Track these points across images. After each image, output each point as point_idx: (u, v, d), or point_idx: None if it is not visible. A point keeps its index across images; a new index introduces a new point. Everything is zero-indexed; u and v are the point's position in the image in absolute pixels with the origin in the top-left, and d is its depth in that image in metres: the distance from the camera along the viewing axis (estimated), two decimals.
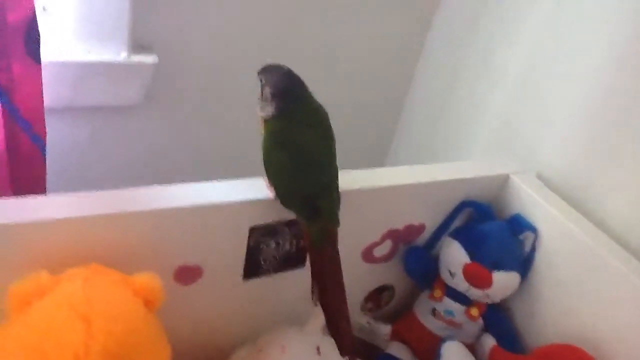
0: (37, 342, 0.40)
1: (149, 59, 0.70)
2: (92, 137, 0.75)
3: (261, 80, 0.50)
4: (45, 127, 0.61)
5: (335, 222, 0.53)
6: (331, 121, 0.53)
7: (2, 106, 0.58)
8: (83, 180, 0.77)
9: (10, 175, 0.61)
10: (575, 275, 0.64)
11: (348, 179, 0.55)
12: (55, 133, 0.65)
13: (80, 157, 0.75)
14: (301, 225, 0.54)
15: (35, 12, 0.56)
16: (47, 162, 0.63)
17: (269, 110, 0.50)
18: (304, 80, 0.51)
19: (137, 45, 0.70)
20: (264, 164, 0.52)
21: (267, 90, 0.50)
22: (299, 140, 0.51)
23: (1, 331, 0.42)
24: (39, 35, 0.57)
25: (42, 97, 0.60)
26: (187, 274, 0.55)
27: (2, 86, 0.57)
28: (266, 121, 0.50)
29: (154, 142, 0.81)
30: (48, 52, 0.64)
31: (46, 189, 0.65)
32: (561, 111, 0.74)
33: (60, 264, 0.45)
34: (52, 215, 0.46)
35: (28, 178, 0.63)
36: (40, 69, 0.59)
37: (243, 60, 0.79)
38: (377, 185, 0.62)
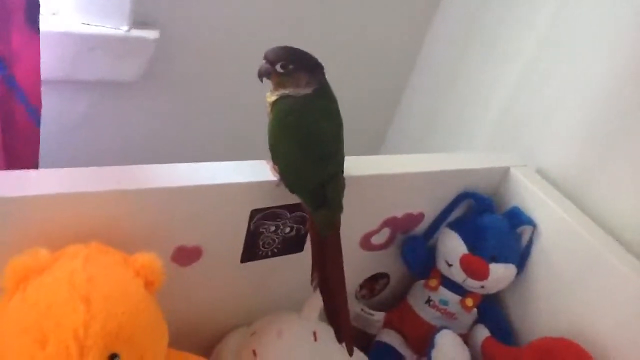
0: (36, 321, 0.39)
1: (150, 34, 0.68)
2: (88, 111, 0.73)
3: (287, 67, 0.48)
4: (41, 99, 0.60)
5: (340, 210, 0.52)
6: None
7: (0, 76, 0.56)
8: (77, 155, 0.75)
9: (3, 146, 0.60)
10: (571, 270, 0.64)
11: (349, 165, 0.55)
12: (52, 106, 0.64)
13: (76, 131, 0.74)
14: (306, 211, 0.54)
15: None
16: (41, 135, 0.62)
17: (303, 91, 0.49)
18: None
19: (139, 20, 0.68)
20: (271, 148, 0.51)
21: (303, 74, 0.48)
22: (312, 125, 0.50)
23: None
24: (39, 5, 0.55)
25: (39, 68, 0.58)
26: (185, 255, 0.54)
27: (1, 56, 0.55)
28: (274, 104, 0.49)
29: (152, 120, 0.79)
30: (47, 23, 0.62)
31: (39, 162, 0.63)
32: (562, 107, 0.74)
33: (58, 240, 0.45)
34: (48, 190, 0.45)
35: (21, 149, 0.62)
36: (39, 40, 0.57)
37: (245, 39, 0.77)
38: (378, 172, 0.61)
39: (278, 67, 0.48)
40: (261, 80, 0.50)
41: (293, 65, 0.48)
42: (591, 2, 0.71)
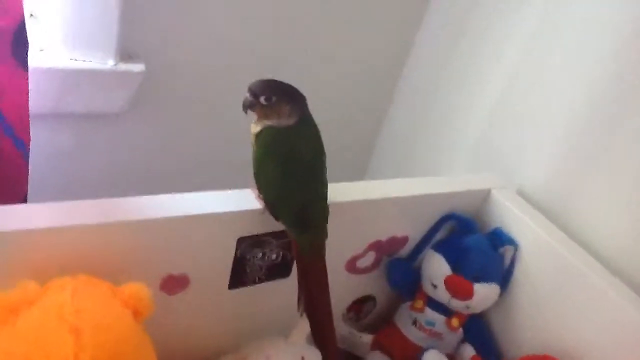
0: (25, 353, 0.39)
1: (136, 67, 0.70)
2: (77, 144, 0.74)
3: (270, 99, 0.50)
4: (29, 133, 0.60)
5: (324, 235, 0.53)
6: None
7: None
8: (67, 188, 0.76)
9: None
10: (553, 288, 0.65)
11: (333, 191, 0.56)
12: (40, 139, 0.64)
13: (64, 164, 0.75)
14: (290, 237, 0.55)
15: (24, 17, 0.55)
16: (30, 168, 0.62)
17: (286, 122, 0.50)
18: None
19: (125, 54, 0.70)
20: (255, 176, 0.52)
21: (286, 105, 0.50)
22: (295, 153, 0.51)
23: None
24: (27, 41, 0.57)
25: (28, 103, 0.59)
26: (173, 284, 0.55)
27: None
28: (259, 134, 0.51)
29: (139, 150, 0.80)
30: (34, 58, 0.63)
31: (27, 196, 0.64)
32: (540, 128, 0.76)
33: (46, 273, 0.45)
34: (36, 224, 0.46)
35: (9, 184, 0.62)
36: (27, 75, 0.58)
37: (229, 70, 0.79)
38: (362, 198, 0.63)
39: (262, 100, 0.50)
40: (245, 112, 0.52)
41: (276, 97, 0.50)
42: (572, 24, 0.73)
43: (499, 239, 0.69)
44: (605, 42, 0.68)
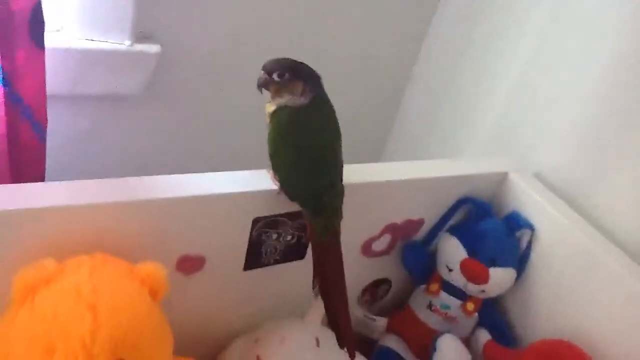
0: (44, 331, 0.40)
1: (152, 48, 0.70)
2: (92, 125, 0.75)
3: (283, 76, 0.50)
4: (46, 115, 0.61)
5: (339, 217, 0.53)
6: None
7: (4, 92, 0.57)
8: (82, 169, 0.76)
9: (9, 162, 0.61)
10: (570, 273, 0.65)
11: (349, 173, 0.56)
12: (56, 120, 0.65)
13: (80, 145, 0.75)
14: (305, 219, 0.55)
15: None
16: (46, 149, 0.63)
17: (300, 101, 0.50)
18: None
19: (141, 35, 0.69)
20: (271, 157, 0.52)
21: (299, 83, 0.50)
22: (310, 134, 0.51)
23: (7, 319, 0.42)
24: (43, 22, 0.57)
25: (45, 85, 0.59)
26: (189, 264, 0.55)
27: (6, 72, 0.56)
28: (273, 114, 0.51)
29: (155, 132, 0.80)
30: (51, 39, 0.63)
31: (45, 177, 0.64)
32: (559, 110, 0.75)
33: (64, 251, 0.46)
34: (54, 202, 0.46)
35: (27, 165, 0.63)
36: (44, 56, 0.58)
37: (245, 53, 0.79)
38: (378, 179, 0.62)
39: (275, 77, 0.50)
40: (260, 91, 0.52)
41: (289, 74, 0.50)
42: (591, 8, 0.71)
43: (516, 223, 0.69)
44: (628, 21, 0.66)
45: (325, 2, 0.83)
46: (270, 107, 0.51)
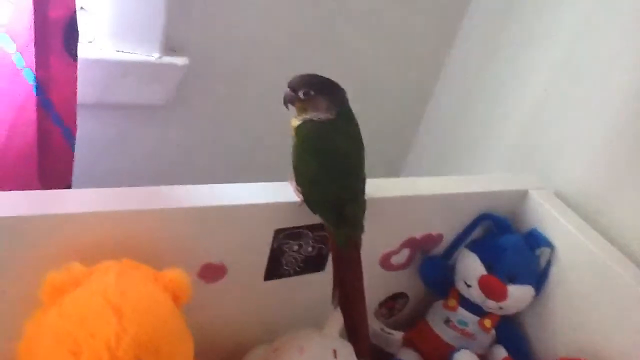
0: (71, 331, 0.41)
1: (180, 60, 0.72)
2: (120, 134, 0.77)
3: (309, 94, 0.51)
4: (76, 122, 0.62)
5: (361, 229, 0.54)
6: None
7: (37, 100, 0.59)
8: (109, 178, 0.78)
9: (39, 168, 0.63)
10: (589, 292, 0.65)
11: (371, 188, 0.56)
12: (84, 128, 0.66)
13: (107, 154, 0.77)
14: (327, 231, 0.56)
15: (75, 10, 0.57)
16: (75, 157, 0.64)
17: (325, 115, 0.51)
18: None
19: (169, 47, 0.71)
20: (294, 169, 0.53)
21: (324, 99, 0.51)
22: (334, 147, 0.52)
23: (36, 319, 0.43)
24: (77, 33, 0.58)
25: (76, 94, 0.61)
26: (211, 272, 0.56)
27: (40, 80, 0.58)
28: (298, 128, 0.52)
29: (181, 143, 0.82)
30: (83, 49, 0.65)
31: (72, 185, 0.66)
32: (580, 129, 0.75)
33: (92, 256, 0.47)
34: (83, 208, 0.47)
35: (56, 172, 0.64)
36: (76, 66, 0.60)
37: (271, 66, 0.80)
38: (399, 194, 0.63)
39: (300, 94, 0.51)
40: (286, 107, 0.53)
41: (314, 92, 0.51)
42: (608, 25, 0.72)
43: (535, 240, 0.69)
44: None
45: (350, 19, 0.84)
46: (296, 122, 0.52)
